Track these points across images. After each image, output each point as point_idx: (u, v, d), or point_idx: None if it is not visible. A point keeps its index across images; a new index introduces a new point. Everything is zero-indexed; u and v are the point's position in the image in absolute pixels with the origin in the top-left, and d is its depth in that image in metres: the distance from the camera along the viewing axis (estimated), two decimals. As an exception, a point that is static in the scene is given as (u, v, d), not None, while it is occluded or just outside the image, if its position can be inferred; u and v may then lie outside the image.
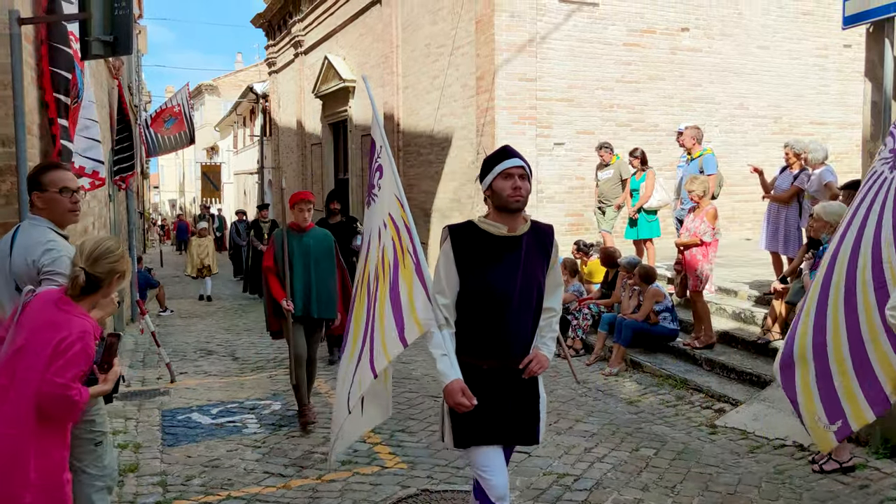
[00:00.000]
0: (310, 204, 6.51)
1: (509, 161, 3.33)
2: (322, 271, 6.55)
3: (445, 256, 3.32)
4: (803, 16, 13.82)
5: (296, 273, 6.41)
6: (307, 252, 6.49)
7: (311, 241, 6.53)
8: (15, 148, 4.03)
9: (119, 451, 5.93)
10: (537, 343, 3.46)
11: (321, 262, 6.56)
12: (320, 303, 6.54)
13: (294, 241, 6.47)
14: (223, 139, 44.94)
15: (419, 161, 14.68)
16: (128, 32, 4.20)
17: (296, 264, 6.41)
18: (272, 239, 6.63)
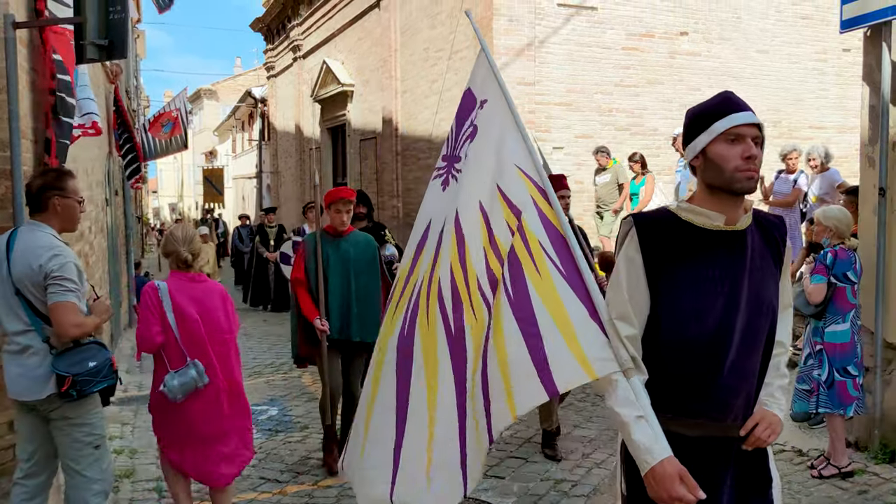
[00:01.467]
0: (349, 204, 5.53)
1: (739, 115, 2.23)
2: (364, 284, 5.51)
3: (629, 263, 2.23)
4: (802, 20, 13.81)
5: (332, 287, 5.40)
6: (346, 261, 5.47)
7: (350, 249, 5.51)
8: (10, 152, 4.01)
9: (115, 456, 5.91)
10: (763, 397, 2.36)
11: (363, 273, 5.52)
12: (362, 323, 5.44)
13: (329, 247, 5.46)
14: (222, 143, 44.94)
15: (418, 165, 14.66)
16: (123, 36, 4.18)
17: (332, 276, 5.41)
18: (302, 245, 5.61)
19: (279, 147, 26.62)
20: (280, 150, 26.49)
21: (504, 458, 5.71)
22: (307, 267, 5.46)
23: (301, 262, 5.51)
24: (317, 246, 5.42)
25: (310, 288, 5.44)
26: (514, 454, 5.86)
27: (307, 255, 5.49)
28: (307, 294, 5.44)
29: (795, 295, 5.53)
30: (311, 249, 5.45)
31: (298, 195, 23.17)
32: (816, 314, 5.32)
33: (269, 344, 11.25)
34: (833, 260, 5.23)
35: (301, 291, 5.47)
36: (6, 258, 3.61)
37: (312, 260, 5.43)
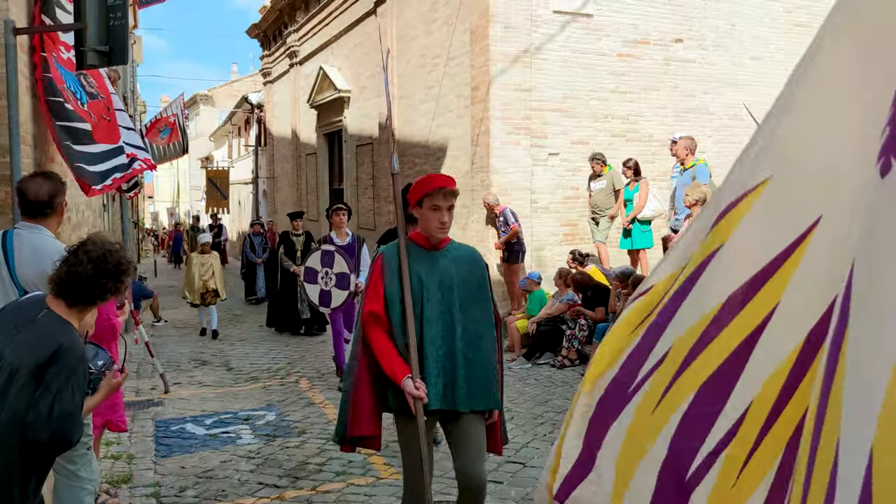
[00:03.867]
0: (453, 197, 3.65)
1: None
2: (474, 322, 3.67)
3: None
4: (796, 27, 13.88)
5: (428, 325, 3.57)
6: (447, 287, 3.65)
7: (452, 268, 3.70)
8: (9, 158, 4.03)
9: (112, 461, 5.92)
10: None
11: (472, 304, 3.68)
12: (472, 383, 3.60)
13: (421, 265, 3.65)
14: (218, 149, 44.92)
15: (414, 171, 14.68)
16: (123, 43, 4.21)
17: (428, 309, 3.59)
18: (379, 262, 3.72)
19: (275, 152, 26.63)
20: (276, 156, 26.50)
21: (502, 463, 5.73)
22: (388, 295, 3.59)
23: (378, 286, 3.63)
24: (402, 263, 3.59)
25: (391, 328, 3.58)
26: (511, 459, 5.88)
27: (387, 276, 3.63)
28: (387, 338, 3.57)
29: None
30: (394, 268, 3.61)
31: (295, 200, 23.17)
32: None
33: (265, 349, 11.26)
34: (828, 265, 5.25)
35: (377, 334, 3.58)
36: (4, 260, 3.62)
37: (397, 284, 3.58)
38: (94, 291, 2.88)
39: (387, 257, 3.70)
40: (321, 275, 8.34)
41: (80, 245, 2.92)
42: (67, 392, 2.69)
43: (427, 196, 3.59)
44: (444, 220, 3.61)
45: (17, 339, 2.74)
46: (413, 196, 3.66)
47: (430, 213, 3.60)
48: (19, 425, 2.65)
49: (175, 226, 39.51)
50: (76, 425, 2.72)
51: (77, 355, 2.76)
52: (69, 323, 2.84)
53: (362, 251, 8.65)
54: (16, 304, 2.99)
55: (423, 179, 3.70)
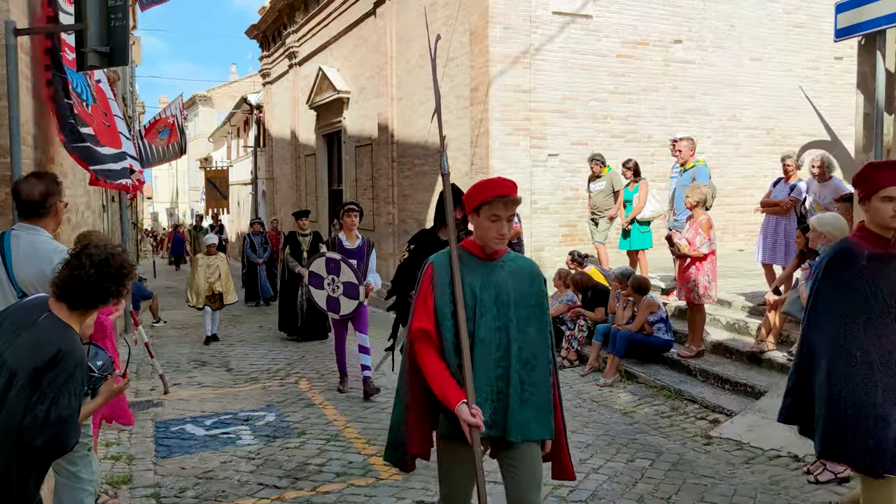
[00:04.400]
0: (514, 206, 3.27)
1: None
2: (531, 341, 3.31)
3: None
4: (795, 28, 13.91)
5: (481, 344, 3.22)
6: (504, 303, 3.29)
7: (509, 281, 3.32)
8: (10, 159, 4.03)
9: (112, 462, 5.91)
10: None
11: (530, 321, 3.32)
12: (527, 409, 3.26)
13: (475, 278, 3.30)
14: (217, 150, 44.94)
15: (413, 172, 14.70)
16: (124, 43, 4.21)
17: (482, 328, 3.23)
18: (429, 272, 3.35)
19: (274, 153, 26.64)
20: (275, 157, 26.50)
21: (501, 464, 5.72)
22: (439, 310, 3.25)
23: (429, 300, 3.29)
24: (454, 275, 3.24)
25: (442, 345, 3.23)
26: (511, 460, 5.87)
27: (437, 288, 3.28)
28: (437, 357, 3.22)
29: (791, 301, 5.58)
30: (446, 280, 3.28)
31: (294, 201, 23.17)
32: (812, 320, 5.33)
33: (264, 350, 11.24)
34: (828, 266, 5.26)
35: (427, 352, 3.24)
36: (2, 261, 3.62)
37: (448, 298, 3.24)
38: (97, 295, 2.88)
39: (438, 267, 3.32)
40: (327, 281, 8.09)
41: (83, 248, 2.92)
42: (64, 398, 2.68)
43: (486, 204, 3.20)
44: (504, 231, 3.24)
45: (17, 341, 2.74)
46: (469, 202, 3.29)
47: (488, 222, 3.23)
48: (16, 428, 2.65)
49: (175, 227, 39.33)
50: (72, 430, 2.72)
51: (76, 360, 2.75)
52: (70, 327, 2.84)
53: (371, 255, 8.34)
54: (18, 306, 2.99)
55: (481, 185, 3.29)
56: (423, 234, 6.17)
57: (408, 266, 5.95)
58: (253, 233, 17.12)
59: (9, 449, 2.67)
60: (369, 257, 8.28)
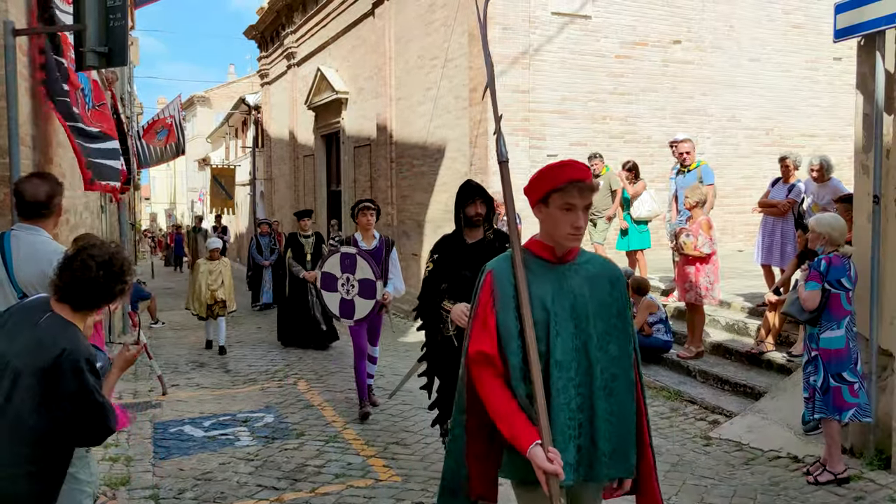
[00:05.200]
0: (591, 194, 2.71)
1: None
2: (614, 360, 2.75)
3: None
4: (794, 29, 13.92)
5: (556, 369, 2.64)
6: (581, 316, 2.71)
7: (585, 289, 2.75)
8: (9, 159, 4.02)
9: (111, 464, 5.90)
10: None
11: (611, 336, 2.75)
12: (613, 445, 2.72)
13: (545, 284, 2.71)
14: (215, 151, 44.94)
15: (412, 172, 14.69)
16: (123, 44, 4.20)
17: (557, 346, 2.65)
18: (488, 283, 2.74)
19: (273, 154, 26.62)
20: (274, 157, 26.49)
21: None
22: (502, 329, 2.64)
23: (489, 317, 2.67)
24: (518, 285, 2.65)
25: (507, 372, 2.62)
26: (510, 461, 5.87)
27: (500, 302, 2.67)
28: (503, 387, 2.62)
29: (790, 301, 5.58)
30: (509, 291, 2.66)
31: (292, 202, 23.16)
32: (811, 320, 5.36)
33: (263, 351, 11.23)
34: (827, 267, 5.27)
35: (489, 382, 2.64)
36: (2, 262, 3.61)
37: (514, 313, 2.63)
38: (103, 296, 2.91)
39: (498, 276, 2.70)
40: (341, 281, 7.21)
41: (83, 250, 2.92)
42: (92, 393, 2.77)
43: (557, 192, 2.64)
44: (580, 223, 2.65)
45: (21, 342, 2.76)
46: (534, 190, 2.74)
47: (559, 213, 2.65)
48: (24, 427, 2.68)
49: (176, 227, 39.19)
50: (110, 414, 2.86)
51: (84, 354, 2.78)
52: (73, 325, 2.85)
53: (391, 256, 7.49)
54: (19, 308, 3.00)
55: (549, 170, 2.74)
56: (445, 240, 5.25)
57: (434, 279, 5.10)
58: (261, 234, 16.47)
59: (18, 446, 2.69)
60: (388, 258, 7.45)
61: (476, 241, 5.04)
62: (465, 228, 5.07)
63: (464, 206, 5.04)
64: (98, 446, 3.04)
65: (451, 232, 5.22)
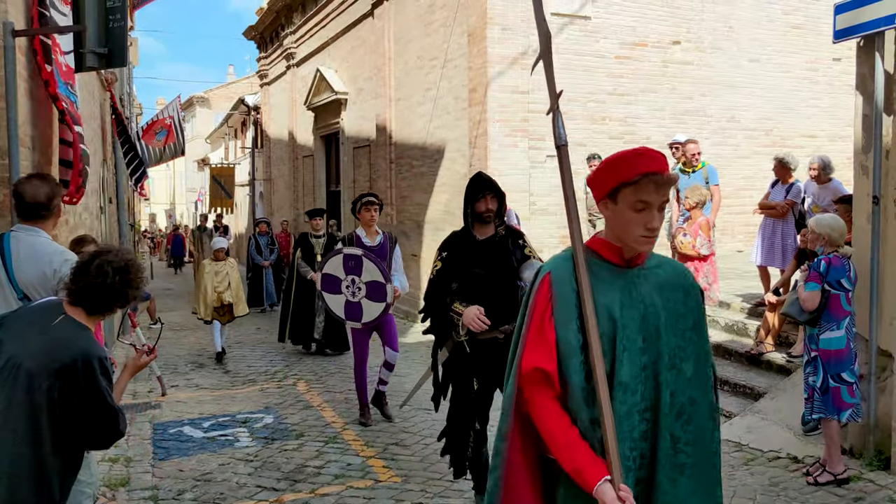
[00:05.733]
0: (668, 189, 2.35)
1: None
2: (686, 381, 2.38)
3: None
4: (793, 29, 13.91)
5: (621, 390, 2.29)
6: (651, 327, 2.35)
7: (656, 296, 2.39)
8: (8, 160, 4.02)
9: (110, 464, 5.90)
10: None
11: (686, 354, 2.39)
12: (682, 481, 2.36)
13: (611, 291, 2.35)
14: (214, 151, 44.94)
15: (412, 173, 14.69)
16: (122, 45, 4.20)
17: (623, 363, 2.29)
18: (546, 287, 2.36)
19: (272, 154, 26.61)
20: (273, 158, 26.48)
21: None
22: (562, 342, 2.29)
23: (547, 327, 2.32)
24: (582, 291, 2.29)
25: (569, 393, 2.28)
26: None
27: (559, 311, 2.31)
28: (561, 410, 2.29)
29: (790, 302, 5.57)
30: (570, 298, 2.31)
31: (291, 202, 23.15)
32: (811, 321, 5.36)
33: (262, 351, 11.23)
34: (826, 267, 5.27)
35: (545, 403, 2.30)
36: (2, 263, 3.61)
37: (576, 325, 2.28)
38: (118, 301, 2.97)
39: (557, 280, 2.34)
40: (346, 283, 6.83)
41: (99, 255, 2.97)
42: (104, 397, 2.81)
43: (629, 186, 2.26)
44: (655, 224, 2.29)
45: (35, 344, 2.78)
46: (601, 183, 2.36)
47: (630, 212, 2.28)
48: (38, 429, 2.70)
49: (175, 228, 39.11)
50: (121, 418, 2.91)
51: (98, 356, 2.82)
52: (87, 328, 2.90)
53: (395, 253, 7.20)
54: (30, 310, 3.03)
55: (620, 159, 2.35)
56: (455, 237, 4.92)
57: (442, 278, 4.79)
58: (259, 233, 16.08)
59: (29, 448, 2.71)
60: (393, 255, 7.17)
61: (487, 237, 4.76)
62: (475, 224, 4.78)
63: (473, 201, 4.74)
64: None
65: (460, 229, 4.93)
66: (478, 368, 4.68)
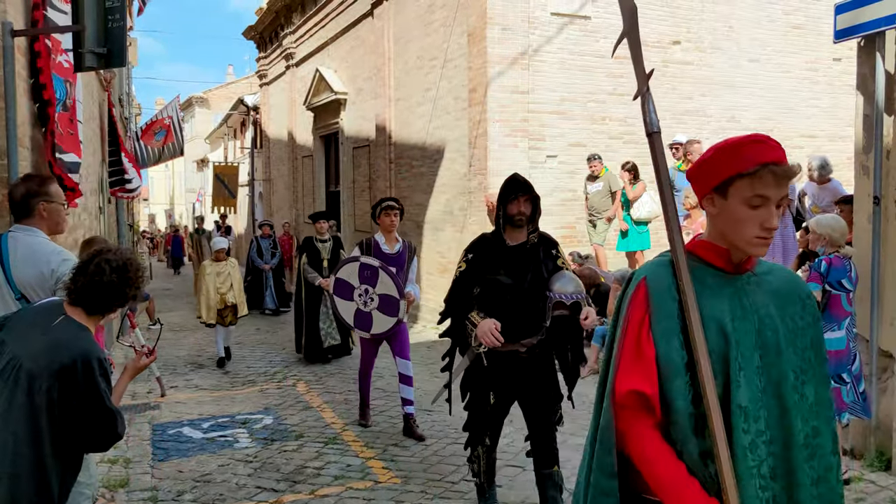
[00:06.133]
0: (788, 178, 2.00)
1: None
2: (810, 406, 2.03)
3: None
4: (794, 29, 13.91)
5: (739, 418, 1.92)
6: (769, 342, 2.01)
7: (772, 306, 2.06)
8: (7, 161, 4.01)
9: (109, 465, 5.88)
10: None
11: (806, 375, 2.04)
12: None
13: (719, 301, 2.02)
14: (213, 151, 44.92)
15: (411, 173, 14.68)
16: (122, 44, 4.19)
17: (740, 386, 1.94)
18: (642, 295, 2.04)
19: (272, 155, 26.60)
20: (272, 158, 26.47)
21: (501, 467, 5.70)
22: (664, 361, 1.98)
23: (645, 343, 2.01)
24: (686, 301, 1.99)
25: (673, 422, 1.97)
26: (511, 463, 5.86)
27: (659, 323, 2.01)
28: (664, 444, 1.97)
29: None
30: (671, 309, 2.01)
31: (291, 203, 23.14)
32: (812, 322, 5.34)
33: (261, 352, 11.22)
34: (827, 268, 5.27)
35: (646, 435, 1.99)
36: (0, 263, 3.60)
37: (679, 341, 1.98)
38: (117, 300, 2.95)
39: (655, 287, 2.03)
40: (358, 292, 6.63)
41: (98, 254, 2.95)
42: (103, 399, 2.79)
43: (744, 178, 1.95)
44: (773, 223, 1.96)
45: (36, 345, 2.78)
46: (707, 175, 2.06)
47: (744, 209, 1.97)
48: (38, 430, 2.70)
49: (174, 229, 39.07)
50: (119, 420, 2.87)
51: (98, 357, 2.81)
52: (87, 329, 2.89)
53: (412, 264, 6.96)
54: (32, 310, 3.02)
55: (731, 147, 2.01)
56: (483, 240, 4.64)
57: (465, 280, 4.52)
58: (262, 236, 15.63)
59: (29, 449, 2.70)
60: (410, 264, 6.92)
61: (518, 244, 4.45)
62: (507, 228, 4.45)
63: (505, 203, 4.40)
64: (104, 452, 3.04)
65: (491, 231, 4.63)
66: (495, 382, 4.46)
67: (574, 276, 4.40)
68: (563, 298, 4.22)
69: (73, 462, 2.89)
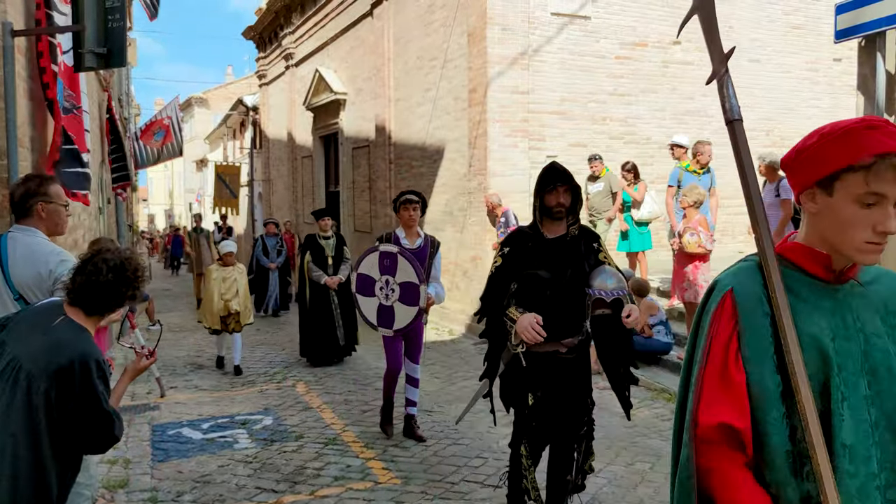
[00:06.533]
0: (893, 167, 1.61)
1: None
2: None
3: None
4: (794, 30, 13.92)
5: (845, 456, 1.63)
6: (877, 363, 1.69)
7: (878, 321, 1.74)
8: (7, 161, 4.00)
9: (109, 466, 5.88)
10: None
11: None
12: None
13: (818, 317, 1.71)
14: (213, 152, 44.92)
15: (411, 174, 14.68)
16: (121, 45, 4.18)
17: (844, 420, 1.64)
18: (728, 308, 1.73)
19: (271, 155, 26.60)
20: (272, 158, 26.46)
21: (501, 468, 5.70)
22: (756, 387, 1.68)
23: (732, 369, 1.70)
24: (780, 315, 1.67)
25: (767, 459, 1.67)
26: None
27: (749, 343, 1.70)
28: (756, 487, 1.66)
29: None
30: (765, 329, 1.70)
31: (290, 203, 23.13)
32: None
33: (261, 353, 11.20)
34: None
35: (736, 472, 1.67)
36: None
37: (773, 365, 1.67)
38: (114, 299, 2.92)
39: (744, 301, 1.74)
40: (380, 285, 6.32)
41: (97, 254, 2.94)
42: (100, 401, 2.77)
43: (858, 171, 1.63)
44: (891, 226, 1.64)
45: (35, 346, 2.76)
46: (810, 166, 1.74)
47: (855, 207, 1.66)
48: (37, 431, 2.68)
49: (174, 229, 38.96)
50: (117, 422, 2.85)
51: (96, 358, 2.79)
52: (86, 330, 2.87)
53: (435, 259, 6.59)
54: (32, 311, 3.01)
55: (841, 132, 1.68)
56: (520, 233, 4.37)
57: (502, 276, 4.20)
58: (267, 234, 15.26)
59: (27, 450, 2.68)
60: (433, 261, 6.56)
61: (557, 236, 4.15)
62: (544, 220, 4.20)
63: (543, 194, 4.16)
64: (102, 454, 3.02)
65: (528, 224, 4.34)
66: (534, 384, 4.07)
67: (616, 271, 4.08)
68: (602, 295, 3.93)
69: (73, 463, 2.87)
